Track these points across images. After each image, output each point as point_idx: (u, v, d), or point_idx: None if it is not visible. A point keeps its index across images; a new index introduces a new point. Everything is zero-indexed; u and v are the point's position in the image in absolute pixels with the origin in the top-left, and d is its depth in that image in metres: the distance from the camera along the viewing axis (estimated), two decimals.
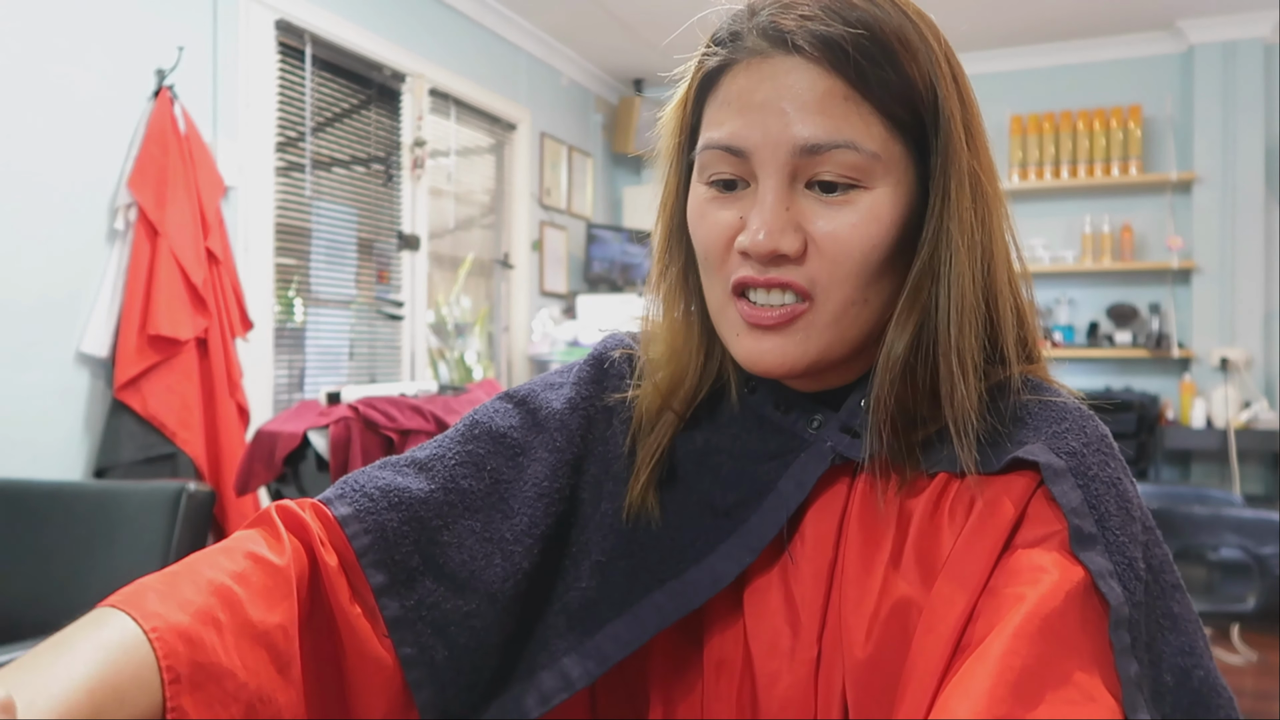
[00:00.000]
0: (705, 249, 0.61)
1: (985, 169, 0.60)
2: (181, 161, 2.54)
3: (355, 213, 3.51)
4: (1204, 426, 4.23)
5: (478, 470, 0.66)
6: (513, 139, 4.42)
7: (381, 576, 0.61)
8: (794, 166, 0.57)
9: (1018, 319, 0.62)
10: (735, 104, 0.58)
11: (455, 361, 3.97)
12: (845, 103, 0.56)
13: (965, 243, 0.57)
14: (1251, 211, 4.34)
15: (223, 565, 0.55)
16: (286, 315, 3.20)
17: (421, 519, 0.63)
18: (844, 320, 0.59)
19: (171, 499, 1.71)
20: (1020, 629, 0.48)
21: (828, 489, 0.62)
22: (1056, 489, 0.53)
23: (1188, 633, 0.54)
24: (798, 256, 0.58)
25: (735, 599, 0.64)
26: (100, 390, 2.47)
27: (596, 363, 0.72)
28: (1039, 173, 4.65)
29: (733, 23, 0.60)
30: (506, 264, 4.39)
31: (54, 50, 2.35)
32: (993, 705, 0.46)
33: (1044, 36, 4.61)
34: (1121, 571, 0.51)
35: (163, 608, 0.50)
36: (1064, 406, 0.58)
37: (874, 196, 0.57)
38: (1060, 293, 4.74)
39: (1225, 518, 2.49)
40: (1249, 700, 2.97)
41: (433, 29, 3.80)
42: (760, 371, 0.61)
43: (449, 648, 0.62)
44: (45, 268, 2.34)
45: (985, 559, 0.53)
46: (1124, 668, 0.49)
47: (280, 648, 0.54)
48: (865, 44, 0.56)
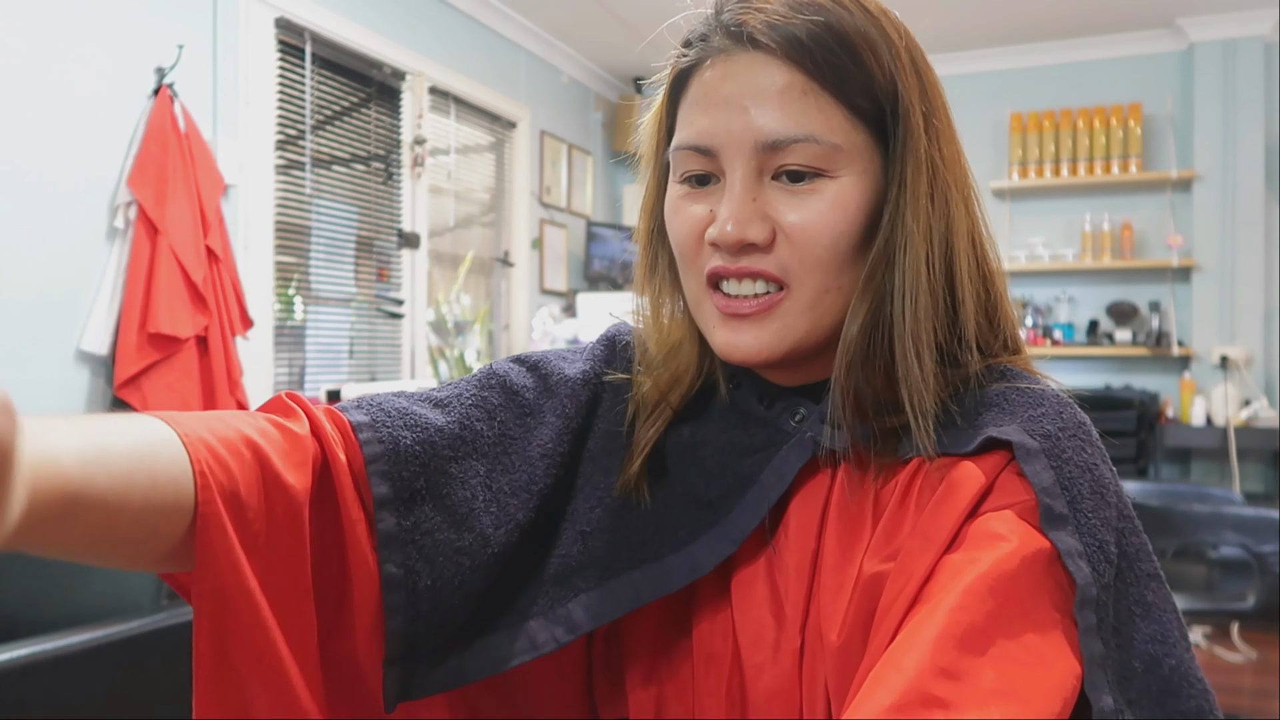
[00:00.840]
0: (679, 243, 0.63)
1: (950, 161, 0.61)
2: (181, 159, 2.54)
3: (355, 211, 3.51)
4: (1204, 424, 4.23)
5: (490, 417, 0.67)
6: (513, 137, 4.42)
7: (385, 489, 0.60)
8: (759, 160, 0.59)
9: (989, 307, 0.63)
10: (702, 103, 0.60)
11: (455, 359, 3.97)
12: (805, 96, 0.58)
13: (921, 229, 0.58)
14: (1251, 210, 4.34)
15: (247, 421, 0.56)
16: (286, 313, 3.20)
17: (434, 444, 0.63)
18: (819, 307, 0.60)
19: None
20: (971, 587, 0.49)
21: (810, 480, 0.62)
22: (1029, 468, 0.53)
23: (1161, 622, 0.54)
24: (766, 245, 0.59)
25: (723, 592, 0.64)
26: (100, 388, 2.47)
27: (609, 343, 0.74)
28: (1039, 171, 4.64)
29: (701, 24, 0.62)
30: (506, 262, 4.39)
31: (54, 48, 2.35)
32: (936, 655, 0.46)
33: (1044, 34, 4.61)
34: (1091, 553, 0.51)
35: (197, 427, 0.52)
36: (1042, 393, 0.58)
37: (839, 185, 0.58)
38: (1060, 291, 4.74)
39: (1225, 516, 2.49)
40: (1248, 698, 2.97)
41: (433, 27, 3.80)
42: (736, 361, 0.62)
43: (433, 578, 0.61)
44: (45, 265, 2.34)
45: (950, 524, 0.53)
46: (1087, 646, 0.49)
47: (294, 508, 0.54)
48: (823, 37, 0.57)
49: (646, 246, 0.69)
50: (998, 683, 0.46)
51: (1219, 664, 3.26)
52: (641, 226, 0.70)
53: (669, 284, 0.68)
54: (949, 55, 4.86)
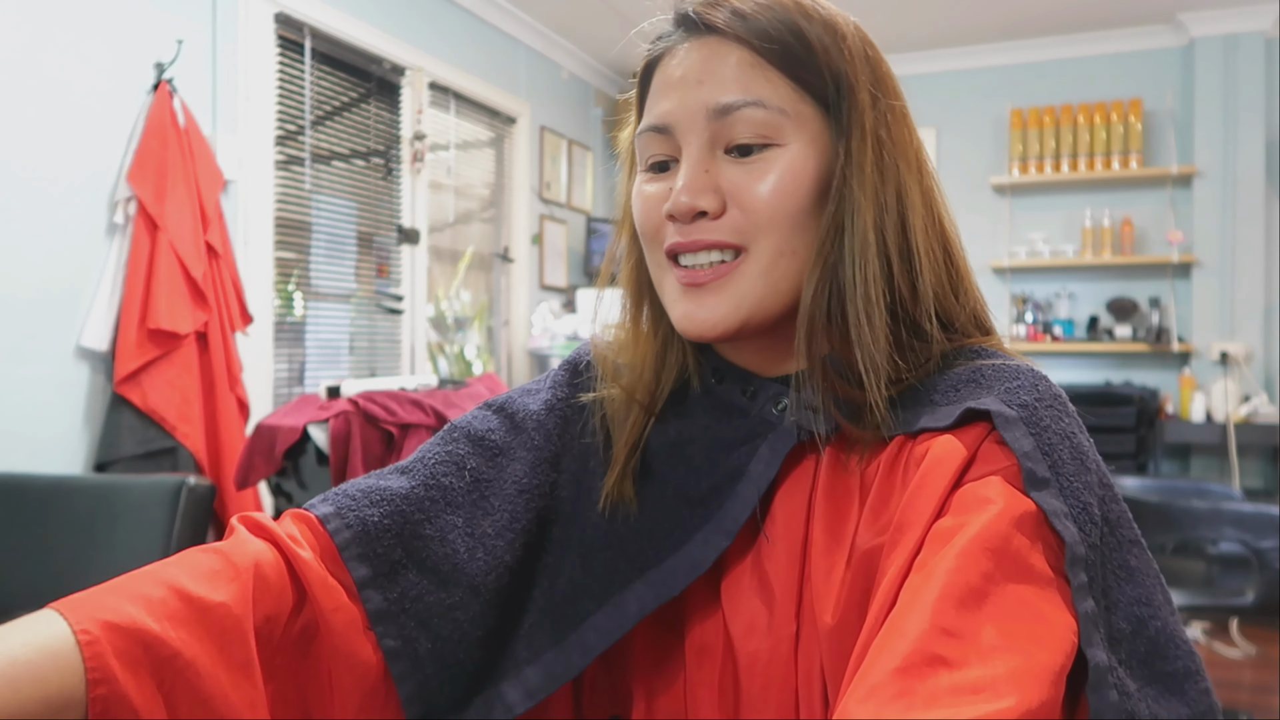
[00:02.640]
0: (641, 225, 0.66)
1: (900, 142, 0.63)
2: (181, 155, 2.53)
3: (355, 206, 3.51)
4: (1204, 420, 4.23)
5: (458, 469, 0.68)
6: (512, 133, 4.41)
7: (364, 569, 0.61)
8: (711, 132, 0.62)
9: (953, 283, 0.65)
10: (661, 88, 0.64)
11: (455, 355, 3.96)
12: (752, 69, 0.61)
13: (868, 197, 0.60)
14: (1252, 205, 4.33)
15: (165, 562, 0.56)
16: (286, 309, 3.20)
17: (403, 513, 0.64)
18: (774, 272, 0.62)
19: (172, 493, 1.71)
20: (964, 549, 0.50)
21: (796, 466, 0.63)
22: (1009, 434, 0.54)
23: (1145, 585, 0.55)
24: (717, 214, 0.61)
25: (713, 586, 0.65)
26: (100, 384, 2.47)
27: (571, 366, 0.75)
28: (1039, 166, 4.64)
29: (664, 21, 0.66)
30: (506, 258, 4.39)
31: (53, 44, 2.35)
32: (936, 616, 0.47)
33: (1044, 30, 4.60)
34: (1076, 514, 0.52)
35: (84, 596, 0.51)
36: (1017, 368, 0.59)
37: (788, 152, 0.61)
38: (1060, 286, 4.74)
39: (1224, 512, 2.49)
40: (1247, 694, 2.97)
41: (432, 22, 3.79)
42: (695, 334, 0.63)
43: (433, 640, 0.62)
44: (45, 262, 2.34)
45: (936, 495, 0.54)
46: (1080, 603, 0.50)
47: (223, 625, 0.53)
48: (773, 20, 0.61)
49: (616, 243, 0.72)
50: (999, 638, 0.46)
51: (1218, 659, 3.26)
52: (621, 224, 0.72)
53: (637, 281, 0.70)
54: (949, 51, 4.85)
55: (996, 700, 0.43)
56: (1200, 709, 0.53)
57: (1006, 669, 0.45)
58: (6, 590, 1.76)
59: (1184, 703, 0.53)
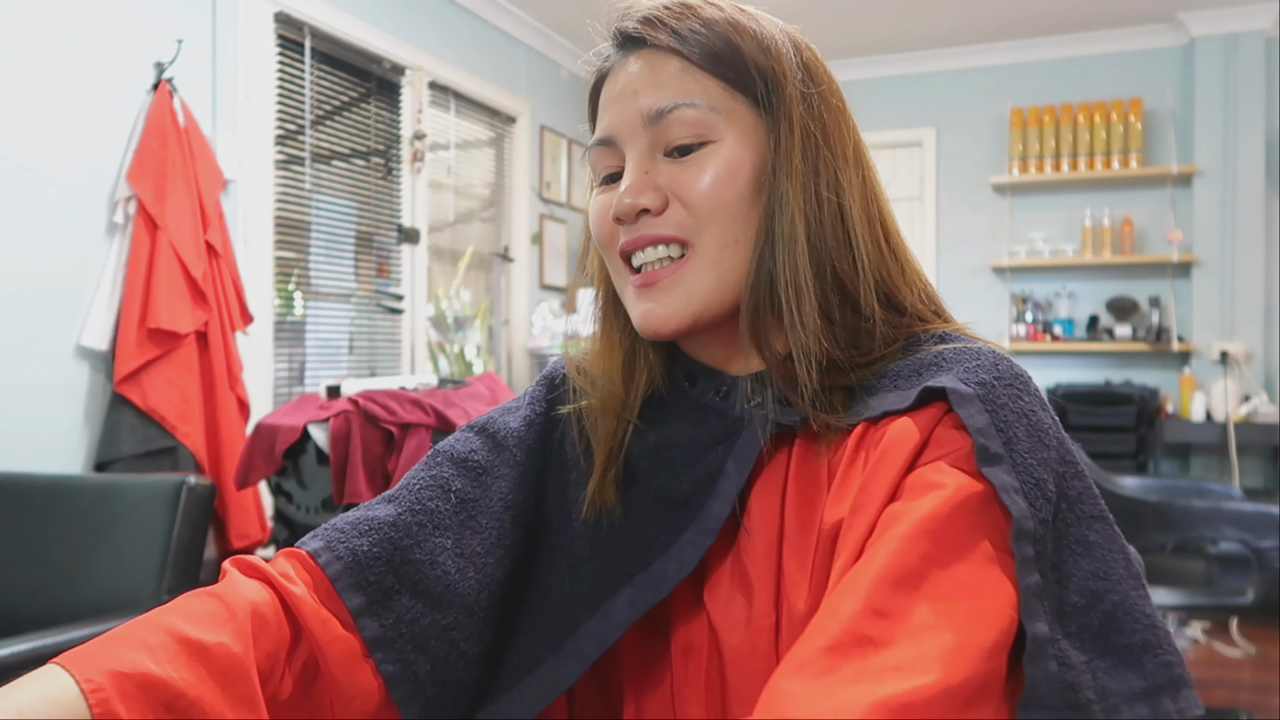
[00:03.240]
0: (596, 233, 0.69)
1: (836, 136, 0.65)
2: (181, 155, 2.53)
3: (355, 206, 3.51)
4: (1204, 420, 4.23)
5: (443, 492, 0.69)
6: (512, 132, 4.41)
7: (358, 598, 0.63)
8: (649, 137, 0.65)
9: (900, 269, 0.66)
10: (605, 105, 0.68)
11: (455, 355, 3.97)
12: (682, 73, 0.64)
13: (796, 187, 0.63)
14: (1252, 205, 4.33)
15: (161, 610, 0.57)
16: (286, 309, 3.20)
17: (392, 540, 0.65)
18: (721, 264, 0.64)
19: (172, 492, 1.71)
20: (905, 532, 0.51)
21: (771, 460, 0.65)
22: (964, 411, 0.55)
23: (1105, 560, 0.55)
24: (659, 210, 0.64)
25: (695, 587, 0.66)
26: (100, 384, 2.47)
27: (547, 381, 0.77)
28: (1039, 166, 4.64)
29: (606, 44, 0.70)
30: (506, 257, 4.39)
31: (53, 43, 2.35)
32: (870, 597, 0.48)
33: (1044, 29, 4.60)
34: (1028, 490, 0.53)
35: (84, 649, 0.52)
36: (978, 351, 0.60)
37: (723, 147, 0.64)
38: (1060, 286, 4.74)
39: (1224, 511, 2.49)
40: (1248, 693, 2.97)
41: (432, 22, 3.79)
42: (653, 332, 0.65)
43: (431, 661, 0.64)
44: (45, 261, 2.34)
45: (891, 479, 0.55)
46: (1025, 577, 0.51)
47: (224, 664, 0.54)
48: (699, 27, 0.65)
49: (582, 260, 0.75)
50: (932, 617, 0.48)
51: (1218, 659, 3.26)
52: (588, 244, 0.74)
53: (609, 298, 0.73)
54: (949, 51, 4.85)
55: (919, 677, 0.44)
56: (1158, 680, 0.53)
57: (935, 647, 0.46)
58: (6, 590, 1.76)
59: (1140, 675, 0.53)
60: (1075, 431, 4.19)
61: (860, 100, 0.69)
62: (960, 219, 4.93)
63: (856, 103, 0.70)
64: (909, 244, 0.70)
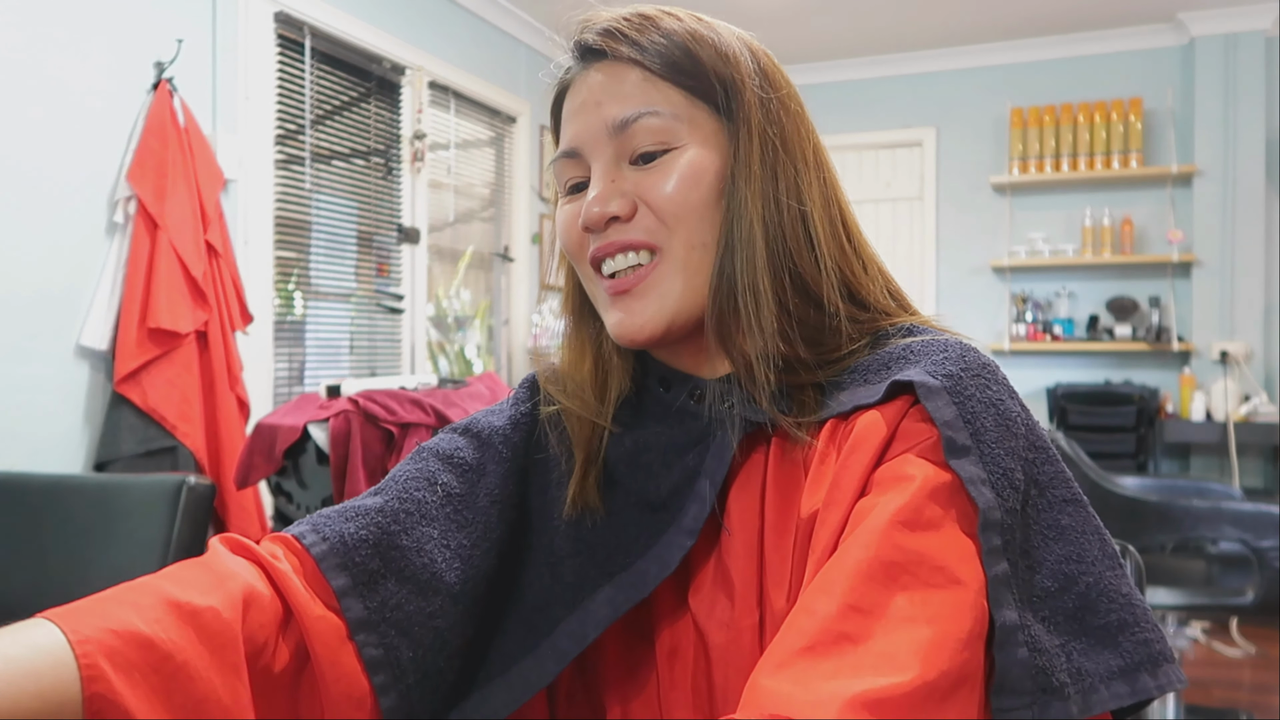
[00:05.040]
0: (564, 242, 0.69)
1: (794, 141, 0.66)
2: (181, 154, 2.53)
3: (355, 206, 3.51)
4: (1203, 420, 4.22)
5: (430, 484, 0.69)
6: (512, 132, 4.41)
7: (343, 579, 0.62)
8: (614, 147, 0.66)
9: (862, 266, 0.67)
10: (568, 116, 0.69)
11: (455, 355, 3.97)
12: (644, 83, 0.65)
13: (755, 192, 0.64)
14: (1252, 205, 4.33)
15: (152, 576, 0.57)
16: (286, 308, 3.20)
17: (379, 524, 0.65)
18: (689, 267, 0.65)
19: (172, 492, 1.71)
20: (877, 526, 0.51)
21: (748, 459, 0.65)
22: (930, 404, 0.56)
23: (1077, 544, 0.56)
24: (628, 216, 0.65)
25: (679, 590, 0.66)
26: (100, 383, 2.47)
27: (530, 383, 0.78)
28: (1039, 165, 4.64)
29: (564, 56, 0.71)
30: (506, 257, 4.39)
31: (53, 43, 2.35)
32: (846, 594, 0.49)
33: (1044, 29, 4.60)
34: (995, 480, 0.53)
35: (75, 606, 0.52)
36: (945, 342, 0.61)
37: (687, 154, 0.65)
38: (1060, 286, 4.74)
39: (1224, 511, 2.49)
40: (1247, 693, 2.97)
41: (432, 21, 3.79)
42: (628, 338, 0.66)
43: (414, 648, 0.63)
44: (45, 261, 2.34)
45: (860, 473, 0.56)
46: (992, 567, 0.51)
47: (213, 629, 0.54)
48: (657, 38, 0.66)
49: (566, 273, 0.74)
50: (909, 609, 0.48)
51: (1218, 659, 3.26)
52: (556, 254, 0.74)
53: (572, 306, 0.74)
54: (949, 51, 4.85)
55: (896, 674, 0.45)
56: (1136, 658, 0.53)
57: (911, 641, 0.47)
58: (6, 589, 1.76)
59: (1117, 654, 0.53)
60: (1075, 431, 4.19)
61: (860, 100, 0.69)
62: (960, 219, 4.93)
63: (857, 103, 0.70)
64: (907, 244, 0.70)
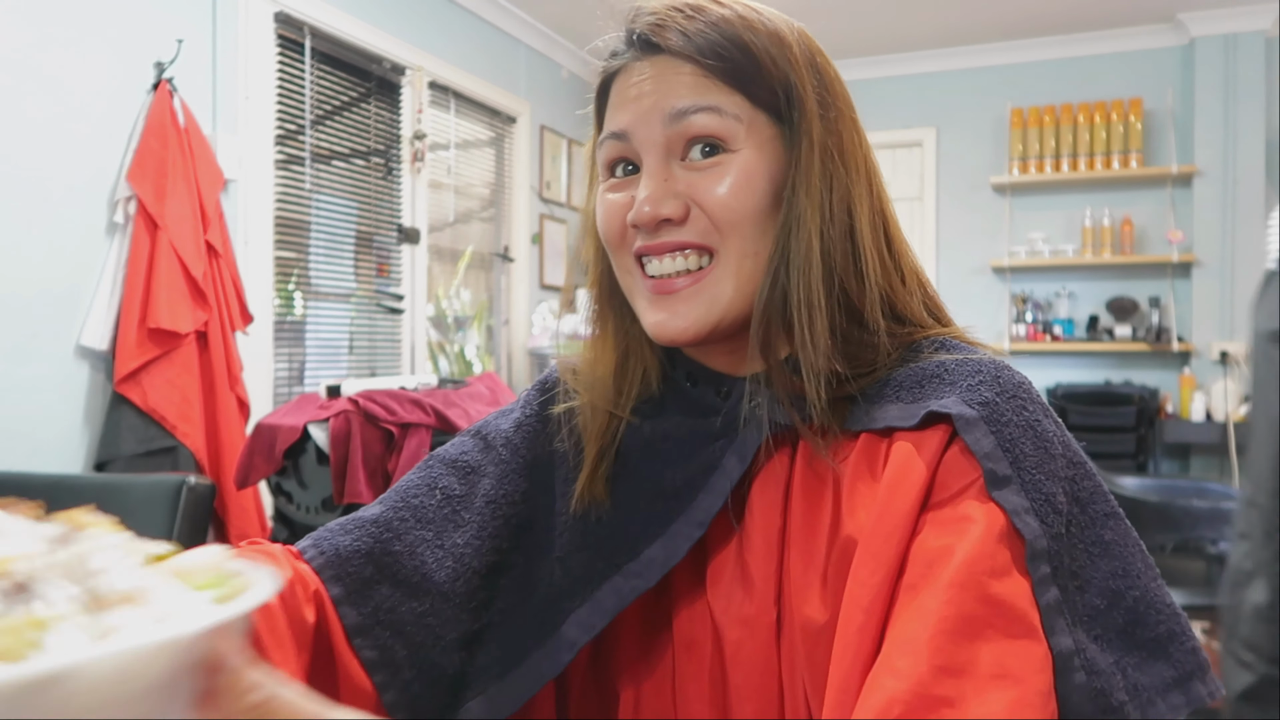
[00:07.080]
0: (605, 233, 0.68)
1: (849, 150, 0.66)
2: (181, 154, 2.53)
3: (355, 206, 3.51)
4: (1203, 420, 4.23)
5: (429, 489, 0.72)
6: (512, 132, 4.41)
7: (338, 588, 0.65)
8: (667, 138, 0.64)
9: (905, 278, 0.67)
10: (619, 101, 0.67)
11: (455, 355, 3.97)
12: (706, 80, 0.64)
13: (814, 204, 0.63)
14: (1252, 205, 4.33)
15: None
16: (286, 308, 3.20)
17: (373, 534, 0.68)
18: (741, 273, 0.64)
19: (172, 492, 1.71)
20: (953, 579, 0.51)
21: (772, 460, 0.65)
22: (969, 437, 0.56)
23: (1122, 558, 0.56)
24: (681, 219, 0.64)
25: (698, 582, 0.67)
26: (100, 383, 2.47)
27: (540, 385, 0.79)
28: (1039, 166, 4.64)
29: (617, 38, 0.69)
30: (506, 257, 4.39)
31: (53, 43, 2.35)
32: (934, 654, 0.49)
33: (1045, 29, 4.60)
34: (1038, 507, 0.54)
35: None
36: (979, 362, 0.61)
37: (743, 157, 0.63)
38: (1060, 286, 4.74)
39: (1224, 511, 2.49)
40: None
41: (432, 22, 3.79)
42: (667, 340, 0.65)
43: (408, 646, 0.66)
44: (45, 261, 2.34)
45: (905, 511, 0.55)
46: (1041, 595, 0.52)
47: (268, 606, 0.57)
48: (719, 40, 0.64)
49: (595, 260, 0.74)
50: (994, 666, 0.48)
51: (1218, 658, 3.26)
52: (587, 239, 0.75)
53: (604, 296, 0.74)
54: (949, 51, 4.85)
55: None
56: (1187, 668, 0.55)
57: (1003, 702, 0.47)
58: None
59: (1169, 664, 0.54)
60: (1075, 431, 4.14)
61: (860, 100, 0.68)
62: (960, 219, 4.93)
63: (857, 103, 0.70)
64: (908, 244, 0.70)
